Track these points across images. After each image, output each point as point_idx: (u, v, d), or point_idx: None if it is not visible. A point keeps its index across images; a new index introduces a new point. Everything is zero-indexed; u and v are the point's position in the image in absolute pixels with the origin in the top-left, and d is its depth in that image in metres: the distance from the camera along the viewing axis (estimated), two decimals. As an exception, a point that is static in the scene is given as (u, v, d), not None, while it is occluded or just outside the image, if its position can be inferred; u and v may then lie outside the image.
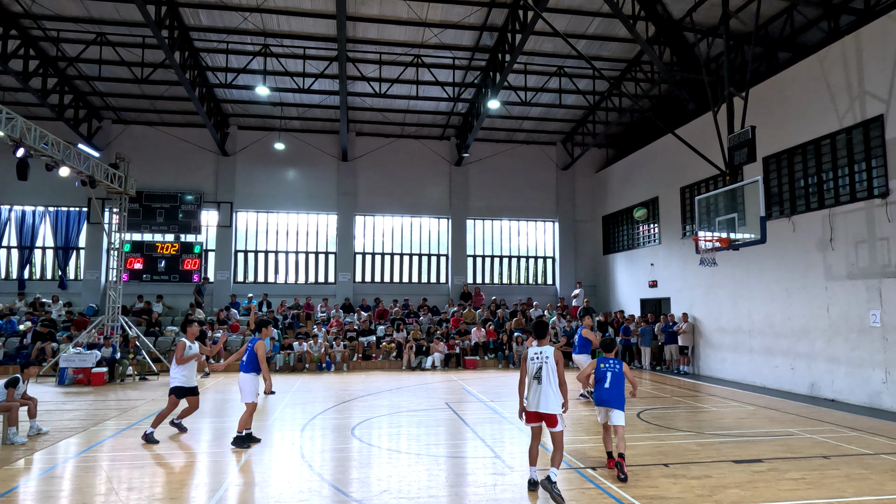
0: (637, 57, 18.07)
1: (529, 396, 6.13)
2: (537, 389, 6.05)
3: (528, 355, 6.27)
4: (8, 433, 8.19)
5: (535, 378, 6.10)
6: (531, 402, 6.10)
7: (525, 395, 6.20)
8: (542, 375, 6.05)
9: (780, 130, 13.90)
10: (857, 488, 6.20)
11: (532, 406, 6.08)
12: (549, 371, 6.05)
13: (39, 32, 16.49)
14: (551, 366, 6.08)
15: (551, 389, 6.02)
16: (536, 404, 6.03)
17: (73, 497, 5.95)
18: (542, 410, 5.99)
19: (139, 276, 20.94)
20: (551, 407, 5.99)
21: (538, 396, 6.03)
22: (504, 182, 24.07)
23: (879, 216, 11.36)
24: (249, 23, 16.14)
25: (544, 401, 6.00)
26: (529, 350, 6.31)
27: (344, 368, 18.09)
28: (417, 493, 6.07)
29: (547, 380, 6.03)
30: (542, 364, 6.09)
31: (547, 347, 6.21)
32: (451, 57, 18.06)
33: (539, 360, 6.13)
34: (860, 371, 11.72)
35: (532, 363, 6.17)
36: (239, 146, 22.45)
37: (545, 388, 6.01)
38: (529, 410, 6.12)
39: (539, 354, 6.16)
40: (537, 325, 6.35)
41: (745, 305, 15.11)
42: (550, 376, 6.05)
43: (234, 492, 6.10)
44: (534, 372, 6.12)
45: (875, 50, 11.60)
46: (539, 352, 6.18)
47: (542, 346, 6.24)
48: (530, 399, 6.11)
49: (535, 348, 6.26)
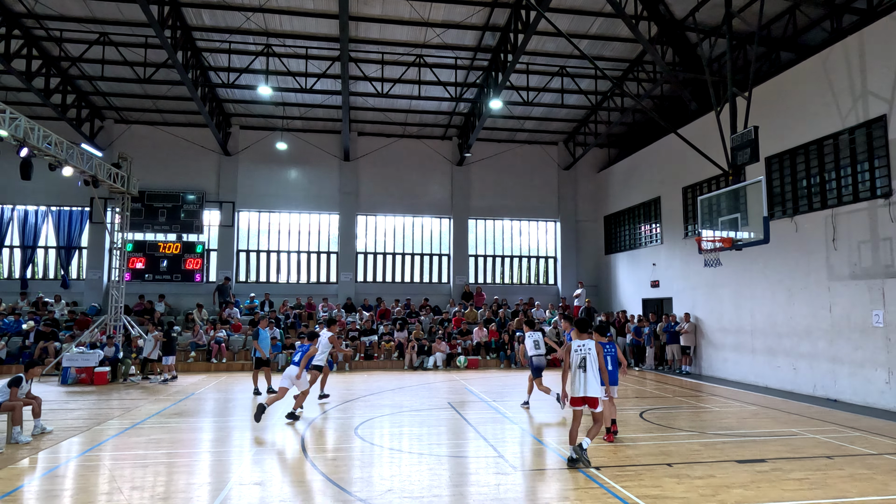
0: (639, 57, 18.06)
1: (574, 383, 7.09)
2: (582, 377, 7.02)
3: (571, 347, 7.27)
4: (12, 432, 8.20)
5: (579, 367, 7.08)
6: (577, 388, 7.05)
7: (570, 382, 7.20)
8: (587, 365, 7.03)
9: (783, 130, 13.88)
10: (860, 489, 6.19)
11: (579, 392, 7.03)
12: (592, 361, 7.05)
13: (42, 32, 16.51)
14: (593, 356, 7.06)
15: (594, 376, 7.01)
16: (583, 390, 6.99)
17: (76, 496, 5.96)
18: (588, 394, 6.97)
19: (141, 276, 20.96)
20: (594, 391, 6.98)
21: (584, 383, 6.99)
22: (506, 182, 24.07)
23: (882, 216, 11.35)
24: (252, 23, 16.15)
25: (588, 386, 6.97)
26: (573, 343, 7.27)
27: (346, 368, 18.10)
28: (420, 492, 6.07)
29: (591, 368, 7.02)
30: (586, 355, 7.08)
31: (589, 341, 7.18)
32: (453, 57, 18.06)
33: (582, 351, 7.11)
34: (863, 371, 11.70)
35: (576, 354, 7.14)
36: (241, 146, 22.46)
37: (589, 376, 7.00)
38: (575, 396, 7.06)
39: (582, 347, 7.14)
40: (580, 322, 7.42)
41: (748, 305, 15.10)
42: (593, 365, 7.03)
43: (238, 491, 6.11)
44: (578, 362, 7.10)
45: (878, 50, 11.58)
46: (582, 344, 7.16)
47: (584, 339, 7.21)
48: (575, 385, 7.07)
49: (578, 341, 7.23)
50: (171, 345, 15.08)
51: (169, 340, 15.04)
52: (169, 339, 15.02)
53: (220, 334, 18.47)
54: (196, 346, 18.14)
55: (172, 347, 15.18)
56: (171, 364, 15.05)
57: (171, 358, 15.08)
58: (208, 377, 16.05)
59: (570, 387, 7.15)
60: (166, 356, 14.96)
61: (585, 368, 7.03)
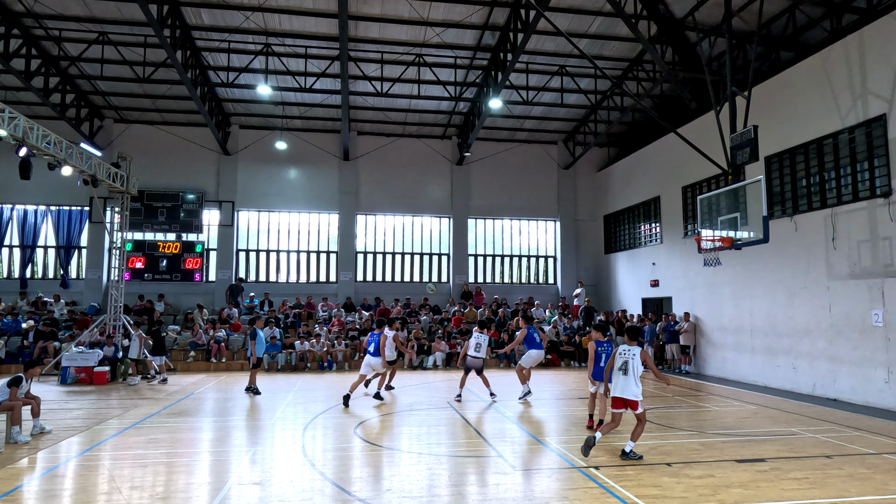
0: (639, 56, 18.05)
1: (615, 383, 7.46)
2: (622, 379, 7.38)
3: (617, 350, 7.67)
4: (11, 432, 8.20)
5: (620, 370, 7.45)
6: (617, 389, 7.42)
7: (611, 381, 7.66)
8: (629, 369, 7.36)
9: (783, 130, 13.88)
10: (860, 488, 6.19)
11: (618, 392, 7.37)
12: (634, 366, 7.36)
13: (41, 32, 16.49)
14: (636, 362, 7.38)
15: (634, 381, 7.32)
16: (622, 391, 7.34)
17: (76, 496, 5.96)
18: (626, 397, 7.30)
19: (141, 276, 20.95)
20: (633, 394, 7.29)
21: (623, 385, 7.35)
22: (505, 181, 24.06)
23: (882, 216, 11.35)
24: (251, 22, 16.14)
25: (627, 389, 7.30)
26: (620, 347, 7.67)
27: (346, 367, 18.09)
28: (420, 492, 6.07)
29: (632, 372, 7.34)
30: (629, 360, 7.41)
31: (635, 347, 7.53)
32: (452, 56, 18.05)
33: (626, 356, 7.47)
34: (862, 370, 11.70)
35: (620, 357, 7.54)
36: (240, 145, 22.44)
37: (629, 380, 7.33)
38: (615, 396, 7.41)
39: (626, 352, 7.52)
40: (630, 329, 7.78)
41: (747, 305, 15.10)
42: (635, 370, 7.35)
43: (237, 491, 6.11)
44: (620, 365, 7.47)
45: (878, 49, 11.57)
46: (627, 349, 7.55)
47: (632, 345, 7.57)
48: (616, 386, 7.43)
49: (624, 346, 7.64)
50: (160, 345, 14.86)
51: (158, 340, 14.83)
52: (158, 339, 14.83)
53: (219, 334, 18.46)
54: (196, 345, 18.12)
55: (162, 347, 14.95)
56: (161, 364, 14.77)
57: (161, 358, 14.82)
58: (208, 377, 16.04)
59: (611, 384, 7.62)
60: (156, 356, 14.70)
61: (626, 371, 7.37)
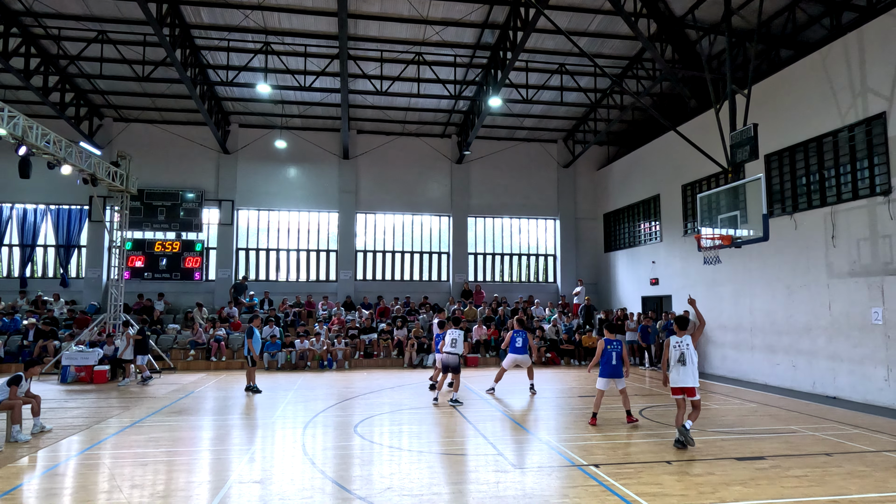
0: (639, 54, 18.03)
1: (674, 375, 7.89)
2: (681, 370, 7.81)
3: (670, 343, 8.05)
4: (12, 431, 8.20)
5: (678, 361, 7.85)
6: (677, 380, 7.84)
7: (669, 373, 8.04)
8: (686, 359, 7.81)
9: (782, 128, 13.87)
10: (859, 485, 6.20)
11: (679, 383, 7.82)
12: (691, 356, 7.83)
13: (40, 30, 16.47)
14: (692, 351, 7.85)
15: (693, 369, 7.80)
16: (683, 381, 7.79)
17: (76, 494, 5.96)
18: (687, 385, 7.78)
19: (140, 275, 20.95)
20: (692, 382, 7.78)
21: (683, 375, 7.78)
22: (505, 180, 24.06)
23: (882, 214, 11.35)
24: (250, 20, 16.11)
25: (688, 377, 7.77)
26: (672, 339, 8.05)
27: (346, 366, 18.11)
28: (420, 490, 6.07)
29: (690, 361, 7.81)
30: (684, 350, 7.85)
31: (686, 336, 7.97)
32: (452, 55, 18.03)
33: (681, 347, 7.89)
34: (862, 368, 11.71)
35: (675, 349, 7.93)
36: (240, 144, 22.43)
37: (688, 368, 7.80)
38: (675, 386, 7.87)
39: (680, 343, 7.93)
40: (679, 320, 8.19)
41: (747, 303, 15.10)
42: (693, 359, 7.82)
43: (238, 489, 6.11)
44: (677, 357, 7.87)
45: (877, 47, 11.57)
46: (680, 341, 7.96)
47: (682, 336, 8.00)
48: (675, 377, 7.86)
49: (676, 338, 8.03)
50: (144, 344, 14.56)
51: (143, 340, 14.56)
52: (143, 338, 14.63)
53: (219, 333, 18.46)
54: (195, 344, 18.12)
55: (146, 347, 14.64)
56: (143, 364, 14.41)
57: (146, 357, 14.55)
58: (207, 375, 16.04)
59: (671, 374, 7.98)
60: (141, 355, 14.45)
61: (684, 362, 7.80)
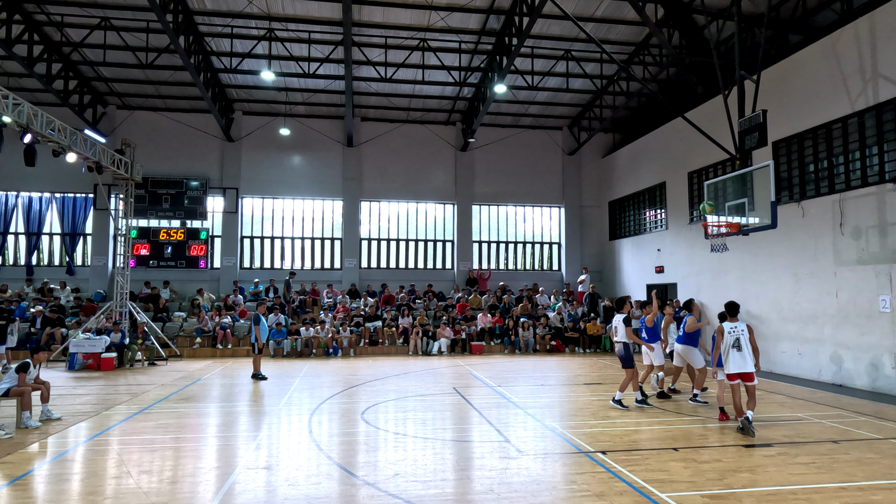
0: (645, 40, 17.84)
1: (730, 361, 7.92)
2: (737, 355, 7.87)
3: (723, 329, 8.06)
4: (22, 417, 8.27)
5: (733, 347, 7.91)
6: (733, 366, 7.88)
7: (725, 360, 8.02)
8: (742, 344, 7.88)
9: (791, 114, 13.73)
10: (867, 472, 6.20)
11: (735, 369, 7.87)
12: (745, 341, 7.90)
13: (43, 17, 16.39)
14: (746, 337, 7.92)
15: (749, 354, 7.85)
16: (740, 367, 7.84)
17: (86, 480, 6.01)
18: (746, 370, 7.82)
19: (146, 262, 21.02)
20: (749, 367, 7.83)
21: (740, 361, 7.84)
22: (510, 167, 23.95)
23: (891, 201, 11.25)
24: (254, 7, 15.99)
25: (744, 363, 7.83)
26: (725, 325, 8.08)
27: (351, 354, 18.17)
28: (427, 476, 6.10)
29: (745, 347, 7.87)
30: (739, 336, 7.92)
31: (740, 323, 8.04)
32: (457, 41, 17.87)
33: (735, 332, 7.96)
34: (869, 356, 11.67)
35: (730, 335, 7.98)
36: (244, 132, 22.37)
37: (744, 354, 7.85)
38: (730, 372, 7.91)
39: (734, 329, 7.99)
40: (729, 305, 8.20)
41: (753, 290, 15.04)
42: (747, 345, 7.88)
43: (246, 475, 6.15)
44: (732, 342, 7.94)
45: (889, 32, 11.40)
46: (734, 326, 8.02)
47: (734, 322, 8.08)
48: (731, 363, 7.89)
49: (729, 324, 8.07)
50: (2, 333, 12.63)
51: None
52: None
53: (225, 320, 18.54)
54: (201, 332, 18.20)
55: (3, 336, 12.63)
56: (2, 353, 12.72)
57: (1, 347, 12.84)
58: (214, 363, 16.13)
59: (725, 364, 7.99)
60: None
61: (740, 347, 7.85)
